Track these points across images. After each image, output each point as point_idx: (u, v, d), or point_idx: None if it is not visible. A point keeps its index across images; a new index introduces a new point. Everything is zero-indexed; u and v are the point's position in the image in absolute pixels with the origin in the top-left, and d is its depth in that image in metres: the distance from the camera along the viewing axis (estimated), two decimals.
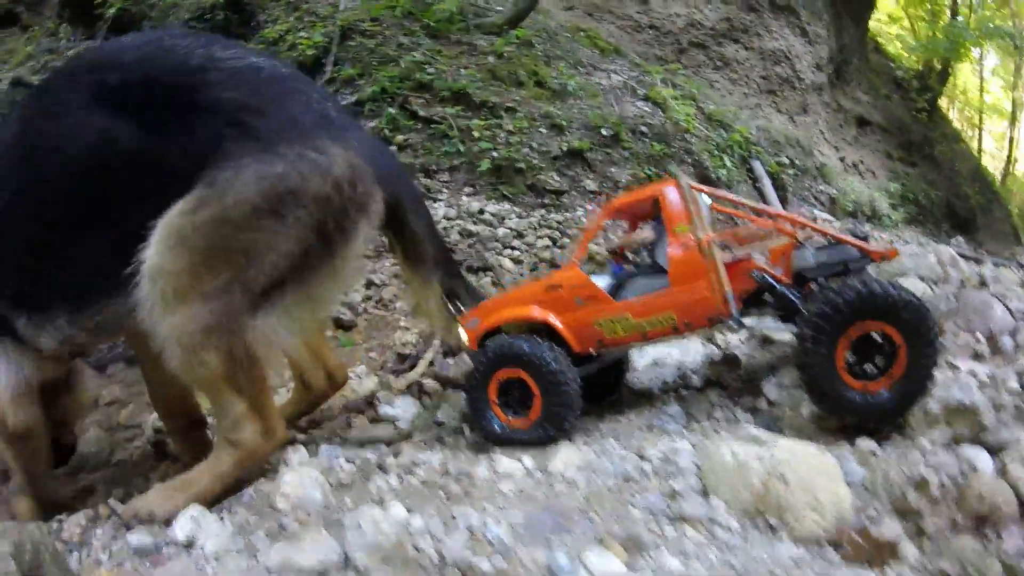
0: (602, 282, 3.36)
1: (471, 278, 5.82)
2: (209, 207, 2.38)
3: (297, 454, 2.99)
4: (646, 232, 3.54)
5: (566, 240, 6.46)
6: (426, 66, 7.73)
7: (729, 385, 3.55)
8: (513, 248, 6.29)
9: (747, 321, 3.26)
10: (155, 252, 2.39)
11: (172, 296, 2.39)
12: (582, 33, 10.92)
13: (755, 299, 3.15)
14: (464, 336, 3.34)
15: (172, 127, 2.48)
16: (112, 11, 8.99)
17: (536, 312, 3.26)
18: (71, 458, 3.51)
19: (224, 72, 2.59)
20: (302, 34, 8.20)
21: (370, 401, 4.02)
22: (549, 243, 6.44)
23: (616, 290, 3.41)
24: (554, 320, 3.23)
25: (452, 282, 3.32)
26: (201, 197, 2.39)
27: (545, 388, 3.10)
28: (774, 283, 2.96)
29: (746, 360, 3.89)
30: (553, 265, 6.12)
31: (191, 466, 2.73)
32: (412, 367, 4.39)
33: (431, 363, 4.43)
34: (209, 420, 3.33)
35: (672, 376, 3.99)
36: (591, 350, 3.29)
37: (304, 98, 2.69)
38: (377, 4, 8.56)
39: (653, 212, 3.41)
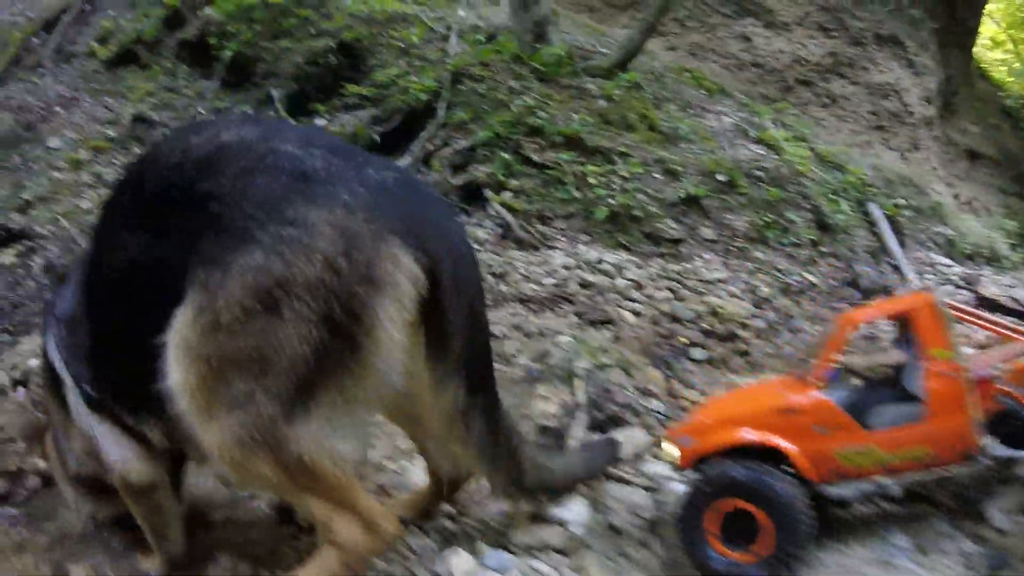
0: (833, 399, 3.08)
1: (592, 331, 5.67)
2: (205, 314, 2.10)
3: (458, 558, 2.67)
4: (896, 354, 3.27)
5: (686, 292, 6.24)
6: (537, 110, 7.60)
7: (941, 503, 3.24)
8: (633, 300, 6.05)
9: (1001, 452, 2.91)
10: (172, 367, 2.17)
11: (199, 411, 2.17)
12: (687, 73, 10.72)
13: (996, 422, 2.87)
14: (674, 452, 3.13)
15: (166, 231, 2.26)
16: (227, 54, 9.17)
17: (768, 439, 2.99)
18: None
19: (196, 160, 2.28)
20: (413, 78, 8.18)
21: None
22: (669, 295, 6.17)
23: (849, 410, 3.08)
24: (790, 448, 2.96)
25: (472, 399, 2.45)
26: (197, 304, 2.12)
27: (780, 523, 2.85)
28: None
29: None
30: (674, 320, 5.90)
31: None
32: (559, 446, 4.07)
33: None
34: None
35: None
36: (822, 479, 3.01)
37: (275, 160, 2.20)
38: (486, 48, 8.55)
39: (901, 330, 3.15)
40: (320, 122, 8.34)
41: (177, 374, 2.15)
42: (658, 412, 4.44)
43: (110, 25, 10.79)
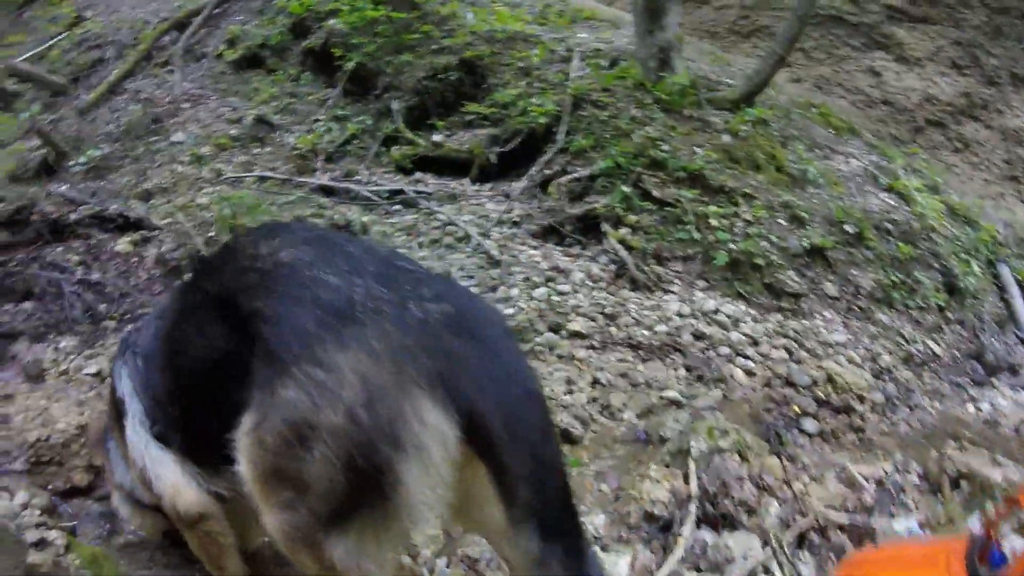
0: None
1: (700, 388, 5.37)
2: (258, 430, 2.17)
3: None
4: None
5: (803, 354, 5.75)
6: (659, 142, 7.30)
7: None
8: (747, 358, 5.60)
9: None
10: (239, 458, 2.27)
11: (258, 498, 2.26)
12: (814, 109, 10.28)
13: None
14: None
15: (238, 329, 2.31)
16: (350, 65, 9.19)
17: None
18: None
19: (259, 272, 2.33)
20: (533, 100, 8.01)
21: None
22: (785, 355, 5.69)
23: None
24: None
25: (549, 547, 2.15)
26: (253, 418, 2.19)
27: None
28: None
29: None
30: (789, 383, 5.47)
31: None
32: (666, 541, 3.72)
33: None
34: None
35: None
36: None
37: (316, 292, 2.16)
38: (609, 74, 8.30)
39: None
40: (437, 138, 8.30)
41: (241, 465, 2.27)
42: (777, 517, 4.05)
43: (238, 30, 10.97)
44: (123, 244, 6.41)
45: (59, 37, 13.33)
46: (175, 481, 2.72)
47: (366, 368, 2.00)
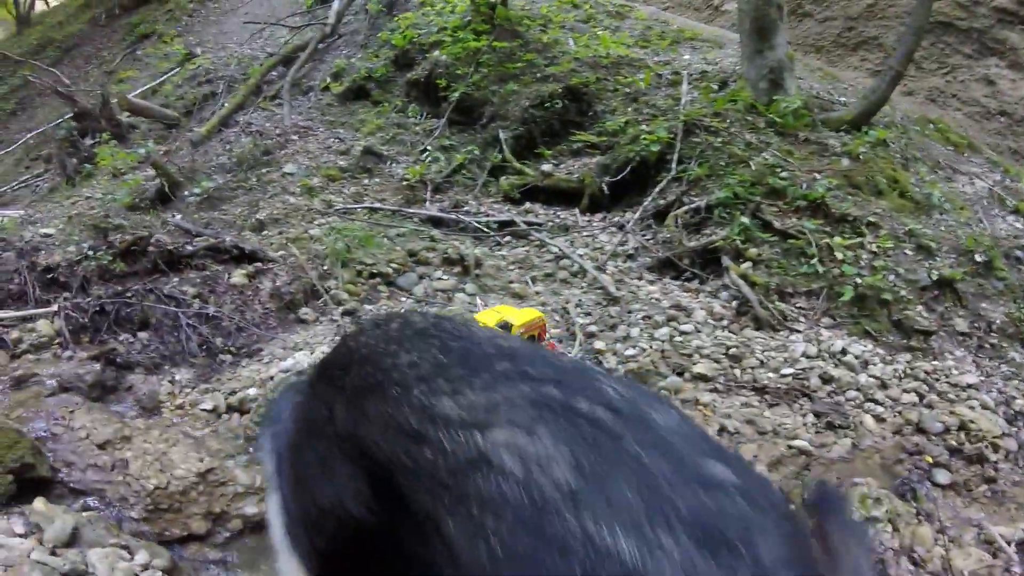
0: None
1: (830, 436, 5.05)
2: None
3: None
4: None
5: (934, 398, 5.21)
6: (778, 169, 6.93)
7: None
8: (876, 402, 5.14)
9: None
10: None
11: None
12: (931, 125, 9.78)
13: None
14: None
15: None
16: (455, 95, 9.11)
17: None
18: None
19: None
20: (643, 127, 7.75)
21: None
22: (916, 399, 5.21)
23: None
24: None
25: None
26: None
27: None
28: None
29: None
30: (920, 431, 4.89)
31: None
32: None
33: None
34: None
35: None
36: None
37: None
38: (720, 98, 7.95)
39: None
40: (546, 167, 8.11)
41: None
42: None
43: (343, 63, 11.10)
44: (238, 276, 6.41)
45: (171, 73, 13.80)
46: None
47: None
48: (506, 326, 4.98)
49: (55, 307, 5.99)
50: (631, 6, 12.14)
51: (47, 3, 23.98)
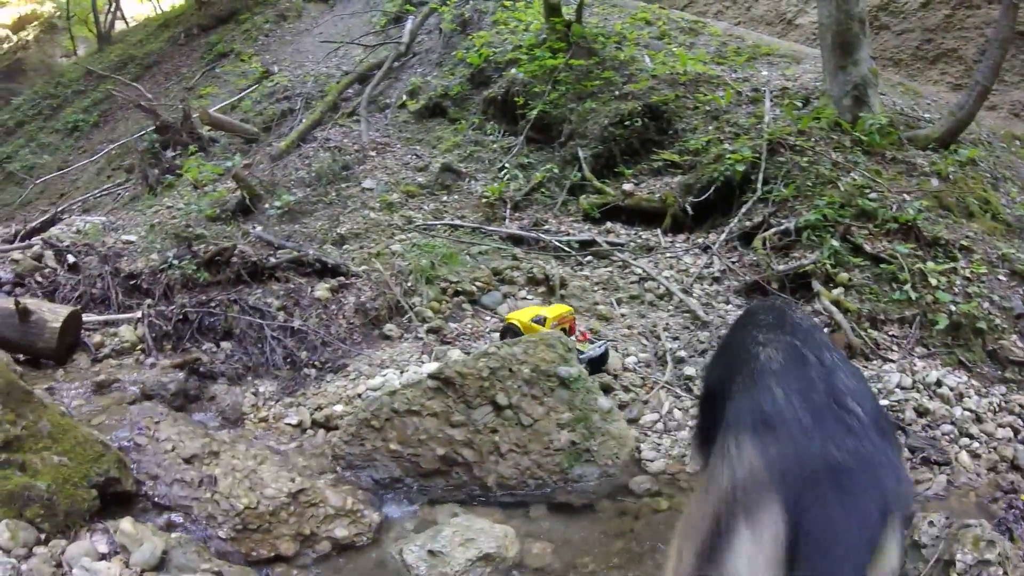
0: None
1: (925, 472, 4.84)
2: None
3: None
4: None
5: None
6: (866, 190, 6.63)
7: None
8: (971, 437, 4.86)
9: None
10: None
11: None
12: (1017, 141, 9.45)
13: None
14: None
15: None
16: (533, 113, 9.00)
17: None
18: None
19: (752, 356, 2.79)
20: (726, 146, 7.52)
21: None
22: (1011, 435, 4.90)
23: None
24: None
25: None
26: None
27: None
28: None
29: None
30: (1015, 468, 4.63)
31: None
32: None
33: None
34: None
35: None
36: None
37: (755, 396, 2.53)
38: (805, 116, 7.65)
39: None
40: (628, 186, 7.90)
41: None
42: None
43: (419, 81, 11.11)
44: (322, 290, 6.36)
45: (249, 90, 14.02)
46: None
47: (755, 462, 2.28)
48: (541, 320, 5.23)
49: (139, 313, 5.97)
50: (704, 22, 11.96)
51: (126, 22, 24.67)
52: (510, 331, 5.41)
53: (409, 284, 6.36)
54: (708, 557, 2.32)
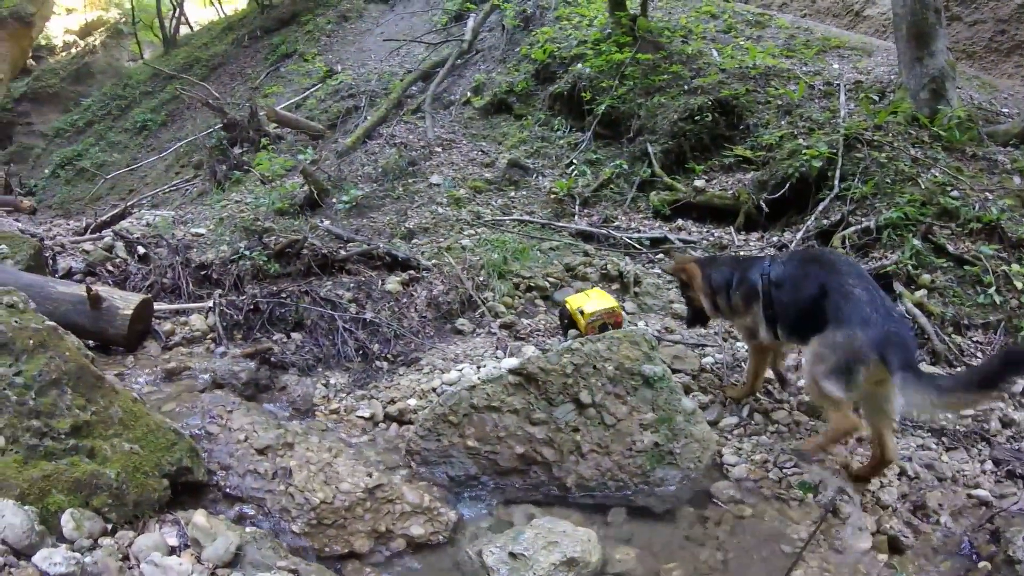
0: None
1: (1009, 486, 4.53)
2: (820, 341, 4.08)
3: None
4: None
5: None
6: (948, 188, 6.35)
7: None
8: None
9: None
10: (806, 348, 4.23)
11: (807, 367, 4.20)
12: None
13: None
14: None
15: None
16: (601, 108, 8.83)
17: None
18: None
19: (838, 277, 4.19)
20: (800, 142, 7.24)
21: None
22: None
23: None
24: None
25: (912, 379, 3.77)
26: (818, 337, 4.10)
27: None
28: None
29: None
30: None
31: None
32: None
33: None
34: None
35: None
36: None
37: (864, 307, 4.00)
38: (882, 110, 7.34)
39: None
40: (699, 183, 7.69)
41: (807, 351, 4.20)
42: None
43: (482, 78, 11.02)
44: (392, 283, 6.27)
45: (313, 88, 14.11)
46: (763, 330, 4.44)
47: (859, 339, 3.90)
48: (582, 312, 5.34)
49: (211, 303, 5.93)
50: (769, 14, 11.67)
51: (190, 27, 25.09)
52: (564, 314, 5.46)
53: (481, 279, 6.24)
54: (834, 370, 3.94)
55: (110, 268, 6.66)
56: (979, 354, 5.40)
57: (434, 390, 4.95)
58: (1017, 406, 4.98)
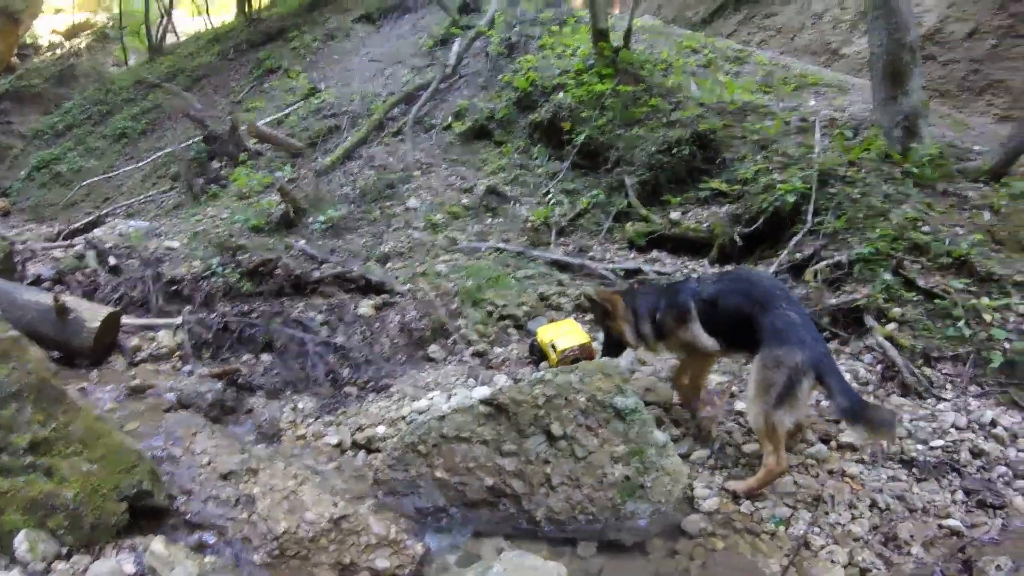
0: None
1: (980, 516, 4.58)
2: (762, 359, 4.22)
3: None
4: None
5: None
6: (919, 223, 6.39)
7: None
8: None
9: None
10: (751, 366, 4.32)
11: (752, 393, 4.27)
12: None
13: None
14: None
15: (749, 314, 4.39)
16: (580, 138, 8.83)
17: None
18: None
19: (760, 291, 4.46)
20: (775, 176, 7.27)
21: None
22: None
23: None
24: None
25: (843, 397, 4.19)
26: (760, 354, 4.23)
27: None
28: None
29: None
30: None
31: None
32: None
33: None
34: None
35: None
36: None
37: (800, 330, 4.24)
38: (856, 147, 7.39)
39: None
40: (675, 215, 7.69)
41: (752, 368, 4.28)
42: None
43: (465, 103, 10.99)
44: (365, 307, 6.19)
45: (296, 105, 14.04)
46: (706, 340, 4.54)
47: (798, 354, 4.11)
48: (553, 347, 5.25)
49: (180, 319, 5.82)
50: (749, 51, 11.79)
51: (177, 36, 25.03)
52: (534, 347, 5.39)
53: (454, 306, 6.17)
54: (782, 396, 4.07)
55: (80, 278, 6.55)
56: (948, 386, 5.43)
57: (404, 418, 4.88)
58: (987, 436, 5.01)
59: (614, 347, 5.01)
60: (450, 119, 10.77)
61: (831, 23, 13.90)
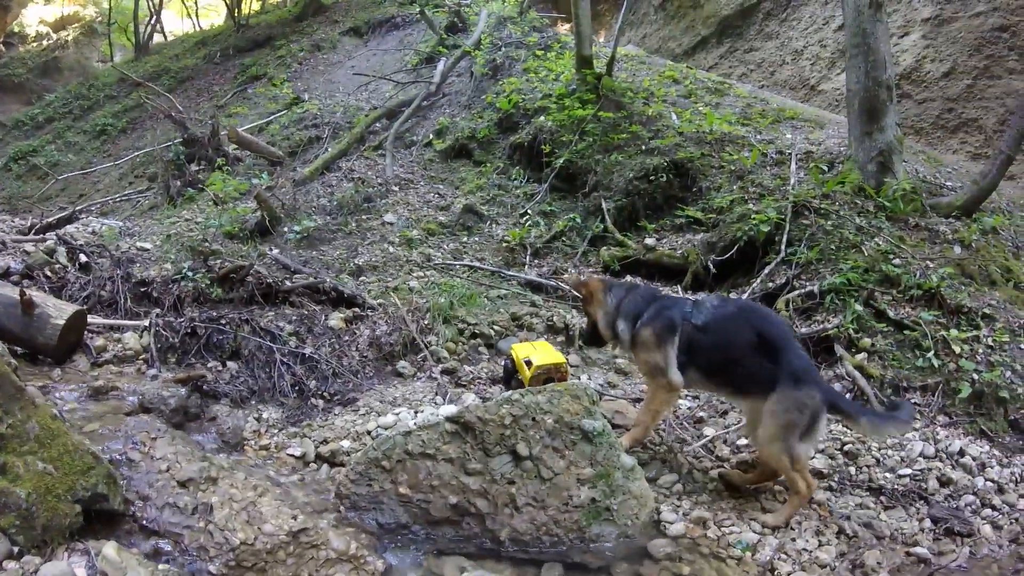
0: None
1: (947, 543, 4.59)
2: (778, 399, 4.17)
3: None
4: None
5: None
6: (891, 256, 6.47)
7: None
8: (992, 507, 4.65)
9: None
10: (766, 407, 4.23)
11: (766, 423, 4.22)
12: None
13: None
14: None
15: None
16: (559, 162, 8.85)
17: None
18: None
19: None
20: (751, 206, 7.33)
21: None
22: None
23: None
24: None
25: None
26: (776, 394, 4.17)
27: None
28: None
29: None
30: None
31: None
32: None
33: None
34: None
35: None
36: None
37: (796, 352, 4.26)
38: (831, 180, 7.47)
39: None
40: (650, 241, 7.71)
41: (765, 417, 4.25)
42: None
43: (446, 121, 11.01)
44: (336, 319, 6.10)
45: (278, 114, 13.95)
46: (674, 372, 4.43)
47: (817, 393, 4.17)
48: (528, 363, 5.17)
49: (147, 322, 5.70)
50: (729, 83, 11.92)
51: (165, 36, 24.91)
52: (509, 364, 5.32)
53: (426, 322, 6.09)
54: (804, 433, 4.13)
55: (48, 273, 6.37)
56: (917, 415, 5.45)
57: (369, 433, 4.80)
58: (954, 465, 5.03)
59: (592, 337, 4.95)
60: (431, 136, 10.77)
61: (810, 60, 14.08)
